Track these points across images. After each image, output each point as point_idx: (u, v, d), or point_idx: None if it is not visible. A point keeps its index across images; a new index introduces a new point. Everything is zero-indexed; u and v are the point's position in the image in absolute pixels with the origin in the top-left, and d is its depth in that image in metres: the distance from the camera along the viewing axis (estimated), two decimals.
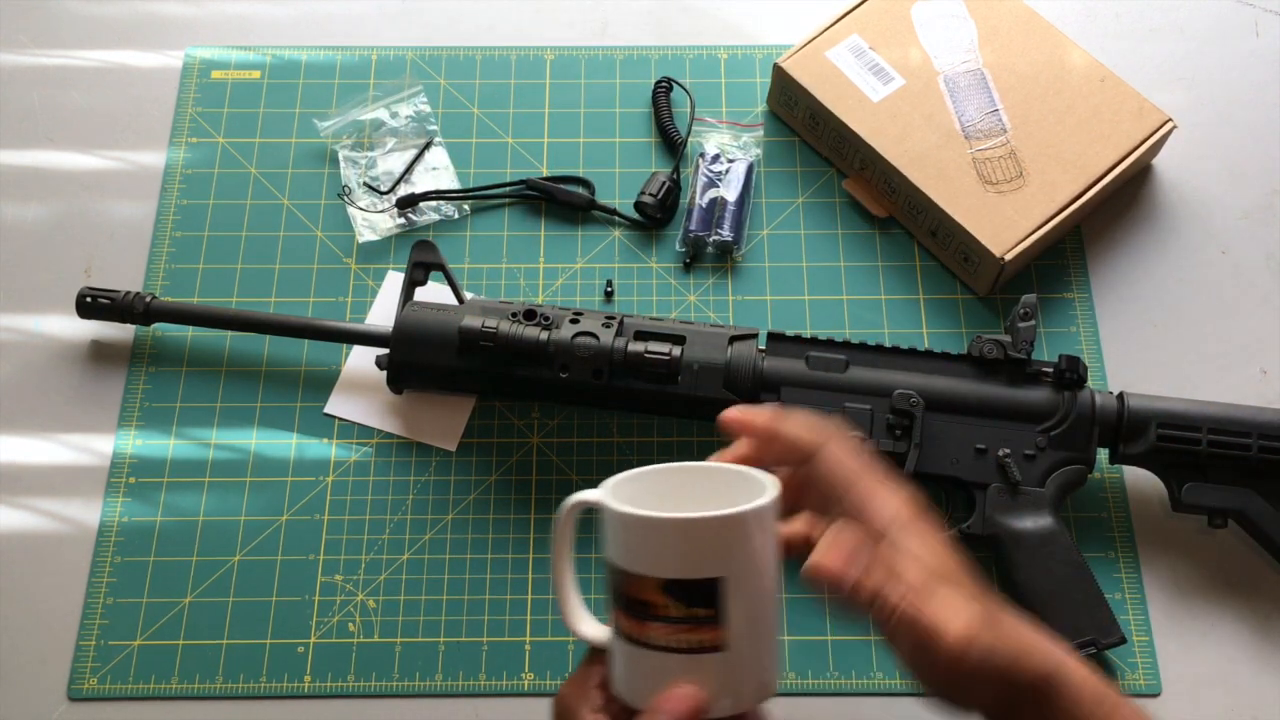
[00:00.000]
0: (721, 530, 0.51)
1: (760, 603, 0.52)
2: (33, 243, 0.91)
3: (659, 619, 0.51)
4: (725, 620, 0.51)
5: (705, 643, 0.51)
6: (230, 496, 0.82)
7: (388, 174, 0.93)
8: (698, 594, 0.51)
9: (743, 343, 0.79)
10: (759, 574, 0.52)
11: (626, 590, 0.52)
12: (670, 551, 0.51)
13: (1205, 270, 0.91)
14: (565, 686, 0.58)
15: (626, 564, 0.52)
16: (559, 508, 0.56)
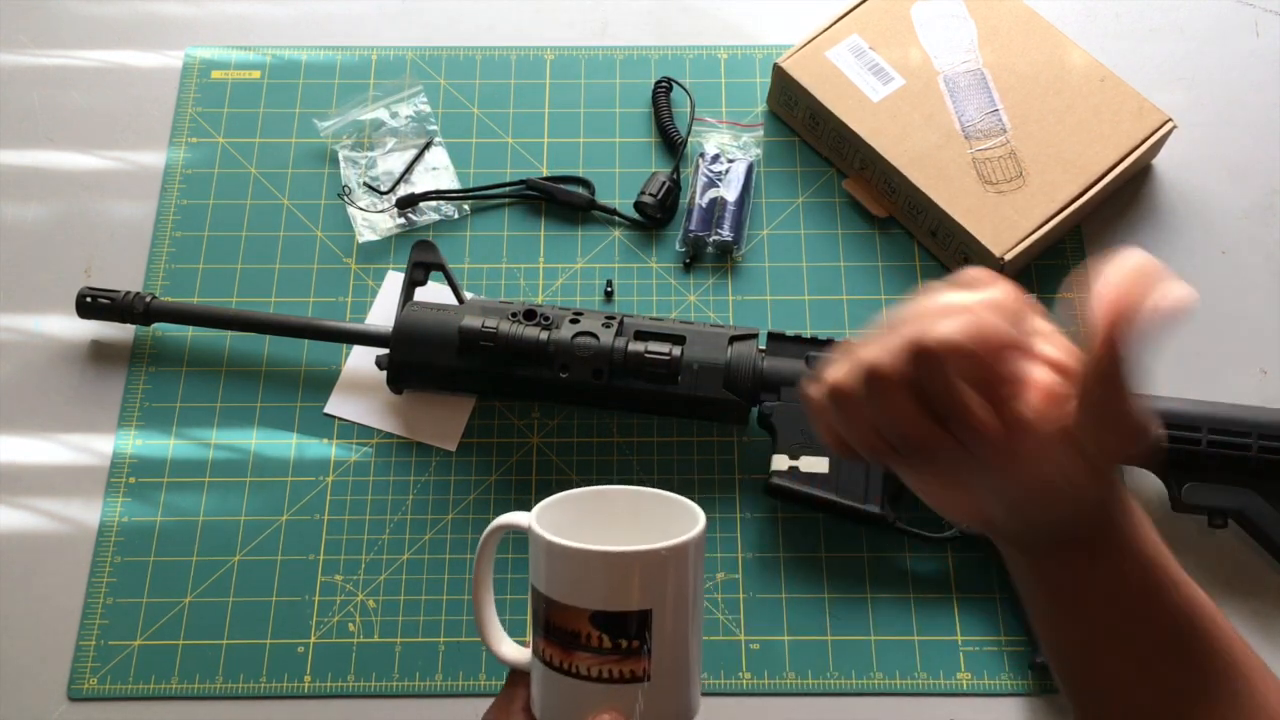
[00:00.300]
0: (653, 564, 0.51)
1: (685, 632, 0.53)
2: (33, 243, 0.91)
3: (586, 649, 0.51)
4: (651, 651, 0.51)
5: (631, 673, 0.52)
6: (230, 496, 0.82)
7: (388, 174, 0.93)
8: (626, 626, 0.51)
9: (743, 343, 0.79)
10: (686, 604, 0.52)
11: (553, 619, 0.52)
12: (601, 584, 0.51)
13: (1205, 270, 0.91)
14: (490, 711, 0.57)
15: (555, 594, 0.52)
16: (488, 526, 0.57)
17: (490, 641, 0.57)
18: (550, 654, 0.53)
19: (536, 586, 0.53)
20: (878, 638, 0.78)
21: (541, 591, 0.53)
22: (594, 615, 0.51)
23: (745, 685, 0.76)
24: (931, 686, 0.76)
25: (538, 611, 0.53)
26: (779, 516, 0.81)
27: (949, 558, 0.80)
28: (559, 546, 0.51)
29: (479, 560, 0.57)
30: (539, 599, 0.53)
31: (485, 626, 0.58)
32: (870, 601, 0.79)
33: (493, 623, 0.58)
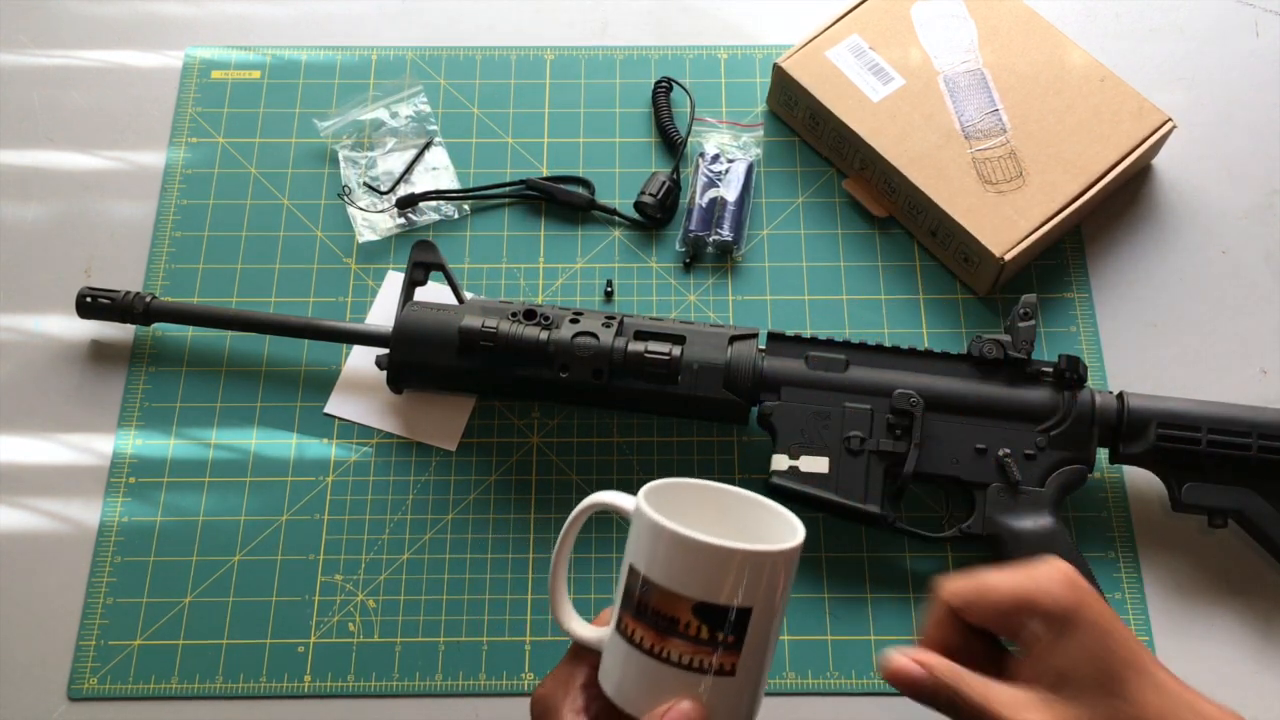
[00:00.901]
0: (767, 565, 0.52)
1: (772, 636, 0.54)
2: (33, 243, 0.91)
3: (683, 636, 0.52)
4: (743, 648, 0.52)
5: (719, 666, 0.52)
6: (230, 496, 0.82)
7: (388, 174, 0.93)
8: (729, 620, 0.52)
9: (743, 343, 0.79)
10: (779, 609, 0.54)
11: (653, 603, 0.52)
12: (714, 577, 0.52)
13: (1205, 270, 0.91)
14: (546, 684, 0.57)
15: (661, 579, 0.52)
16: (580, 503, 0.57)
17: (562, 616, 0.58)
18: (641, 635, 0.53)
19: (639, 568, 0.53)
20: (878, 638, 0.78)
21: (644, 574, 0.53)
22: (698, 605, 0.51)
23: None
24: None
25: (633, 592, 0.53)
26: None
27: (949, 558, 0.80)
28: (683, 536, 0.51)
29: (565, 536, 0.57)
30: (639, 581, 0.53)
31: (559, 602, 0.58)
32: (870, 601, 0.79)
33: (566, 598, 0.58)
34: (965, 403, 0.77)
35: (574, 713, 0.55)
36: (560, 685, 0.57)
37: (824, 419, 0.77)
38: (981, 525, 0.76)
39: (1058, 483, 0.77)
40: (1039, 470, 0.77)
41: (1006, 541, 0.75)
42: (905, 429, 0.77)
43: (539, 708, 0.57)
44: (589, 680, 0.56)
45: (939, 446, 0.77)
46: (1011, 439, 0.77)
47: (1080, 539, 0.81)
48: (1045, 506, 0.76)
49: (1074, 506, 0.82)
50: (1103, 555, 0.80)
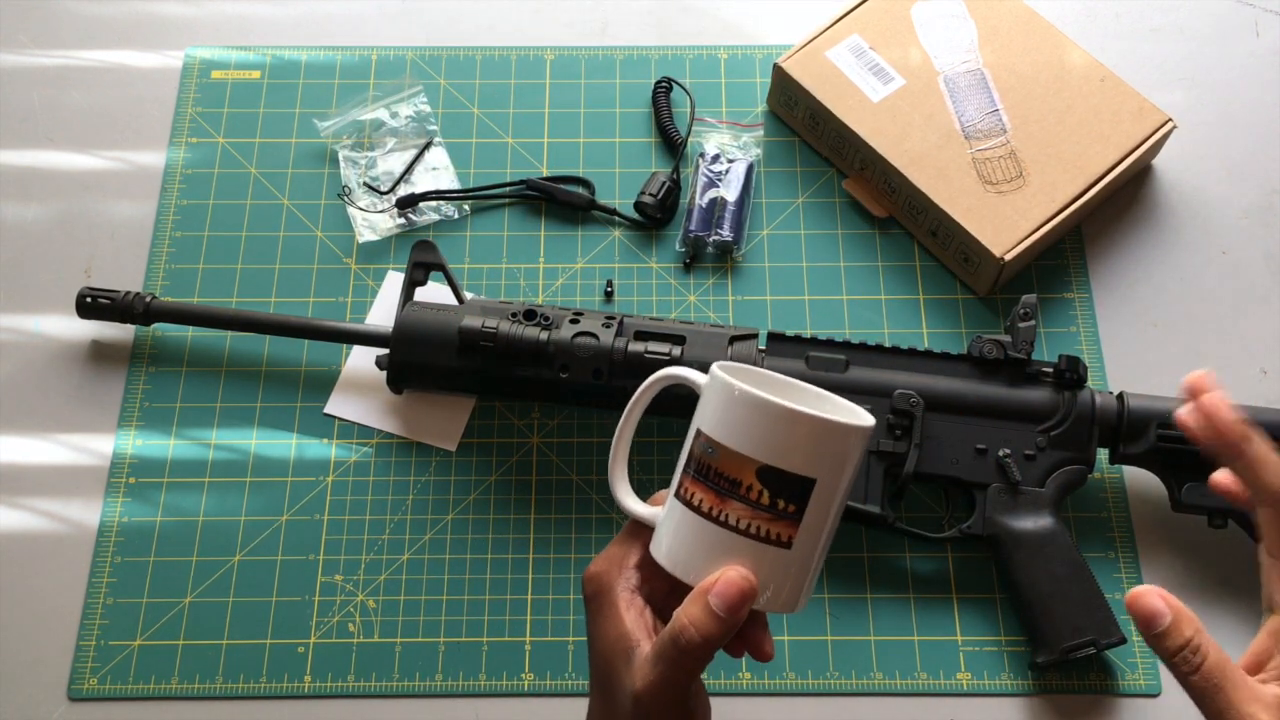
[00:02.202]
0: (838, 437, 0.52)
1: (832, 517, 0.54)
2: (33, 243, 0.91)
3: (743, 500, 0.52)
4: (801, 521, 0.52)
5: (777, 535, 0.52)
6: (230, 496, 0.82)
7: (388, 174, 0.93)
8: (790, 488, 0.52)
9: (743, 343, 0.79)
10: (841, 491, 0.54)
11: (717, 465, 0.52)
12: (785, 441, 0.52)
13: (1205, 270, 0.91)
14: (599, 562, 0.57)
15: (730, 440, 0.52)
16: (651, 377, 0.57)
17: (620, 492, 0.58)
18: (701, 498, 0.53)
19: (708, 433, 0.53)
20: (878, 638, 0.78)
21: (713, 437, 0.53)
22: (762, 469, 0.51)
23: (745, 685, 0.76)
24: (931, 686, 0.76)
25: (697, 455, 0.53)
26: None
27: (949, 558, 0.80)
28: (755, 395, 0.52)
29: (631, 409, 0.58)
30: (706, 443, 0.53)
31: (617, 478, 0.58)
32: (870, 601, 0.79)
33: (625, 475, 0.58)
34: (965, 403, 0.77)
35: (627, 590, 0.55)
36: (614, 563, 0.56)
37: None
38: (981, 525, 0.76)
39: (1058, 483, 0.77)
40: (1039, 470, 0.77)
41: (1006, 542, 0.76)
42: (905, 429, 0.77)
43: (592, 585, 0.56)
44: (642, 560, 0.56)
45: (939, 446, 0.77)
46: (1011, 439, 0.77)
47: (1080, 539, 0.81)
48: (1045, 506, 0.76)
49: (1074, 506, 0.82)
50: (1103, 555, 0.80)
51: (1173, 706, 0.76)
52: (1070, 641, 0.73)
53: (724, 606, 0.51)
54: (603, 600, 0.55)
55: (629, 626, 0.54)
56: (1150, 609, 0.50)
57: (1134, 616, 0.50)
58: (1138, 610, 0.50)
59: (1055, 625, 0.74)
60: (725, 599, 0.51)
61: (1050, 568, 0.74)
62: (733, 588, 0.51)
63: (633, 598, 0.55)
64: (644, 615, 0.55)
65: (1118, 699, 0.76)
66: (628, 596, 0.55)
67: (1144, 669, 0.77)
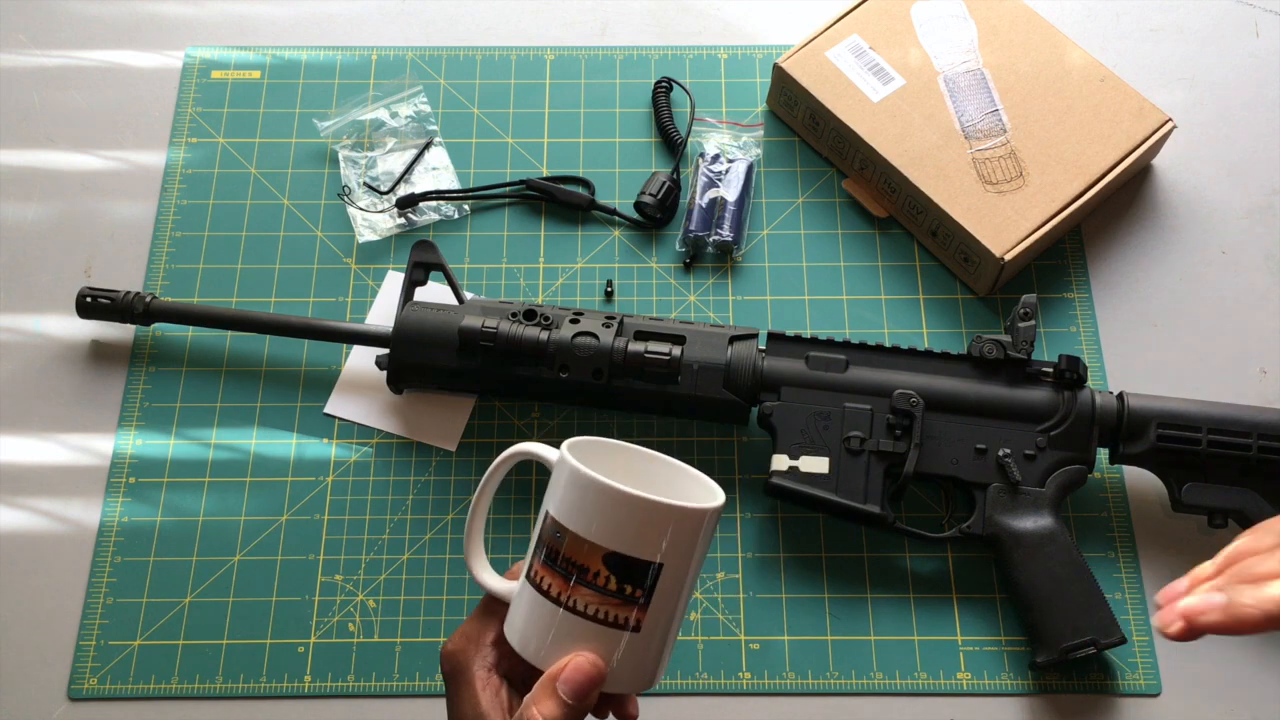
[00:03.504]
0: (684, 521, 0.52)
1: (681, 598, 0.54)
2: (33, 243, 0.91)
3: (590, 586, 0.52)
4: (649, 604, 0.52)
5: (625, 620, 0.52)
6: (230, 496, 0.82)
7: (388, 174, 0.93)
8: (637, 573, 0.52)
9: (743, 343, 0.79)
10: (690, 571, 0.54)
11: (564, 550, 0.53)
12: (629, 528, 0.52)
13: (1205, 270, 0.91)
14: (455, 641, 0.57)
15: (576, 526, 0.52)
16: (503, 452, 0.57)
17: (475, 566, 0.58)
18: (550, 583, 0.53)
19: (555, 516, 0.53)
20: (878, 638, 0.78)
21: (560, 521, 0.53)
22: (609, 556, 0.52)
23: (745, 685, 0.76)
24: (931, 686, 0.76)
25: (545, 539, 0.54)
26: (779, 516, 0.81)
27: (949, 558, 0.80)
28: (600, 484, 0.52)
29: (485, 485, 0.58)
30: (554, 528, 0.53)
31: (473, 551, 0.58)
32: (870, 601, 0.79)
33: (481, 549, 0.58)
34: (965, 403, 0.77)
35: (484, 669, 0.55)
36: (470, 641, 0.57)
37: (824, 419, 0.77)
38: (981, 525, 0.76)
39: (1058, 483, 0.77)
40: (1039, 470, 0.77)
41: (1006, 542, 0.76)
42: (905, 429, 0.77)
43: (449, 663, 0.56)
44: (499, 636, 0.56)
45: (939, 446, 0.77)
46: (1011, 439, 0.77)
47: (1080, 539, 0.81)
48: (1045, 506, 0.76)
49: (1074, 506, 0.82)
50: (1103, 555, 0.80)
51: (1173, 706, 0.76)
52: (1070, 641, 0.73)
53: (572, 693, 0.51)
54: (459, 677, 0.56)
55: (485, 707, 0.54)
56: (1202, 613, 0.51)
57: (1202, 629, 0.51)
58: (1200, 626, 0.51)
59: (1055, 625, 0.74)
60: (573, 685, 0.51)
61: (1050, 568, 0.74)
62: (580, 674, 0.52)
63: (489, 677, 0.55)
64: (500, 694, 0.55)
65: (1118, 699, 0.76)
66: (484, 675, 0.55)
67: (1144, 669, 0.77)
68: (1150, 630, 0.78)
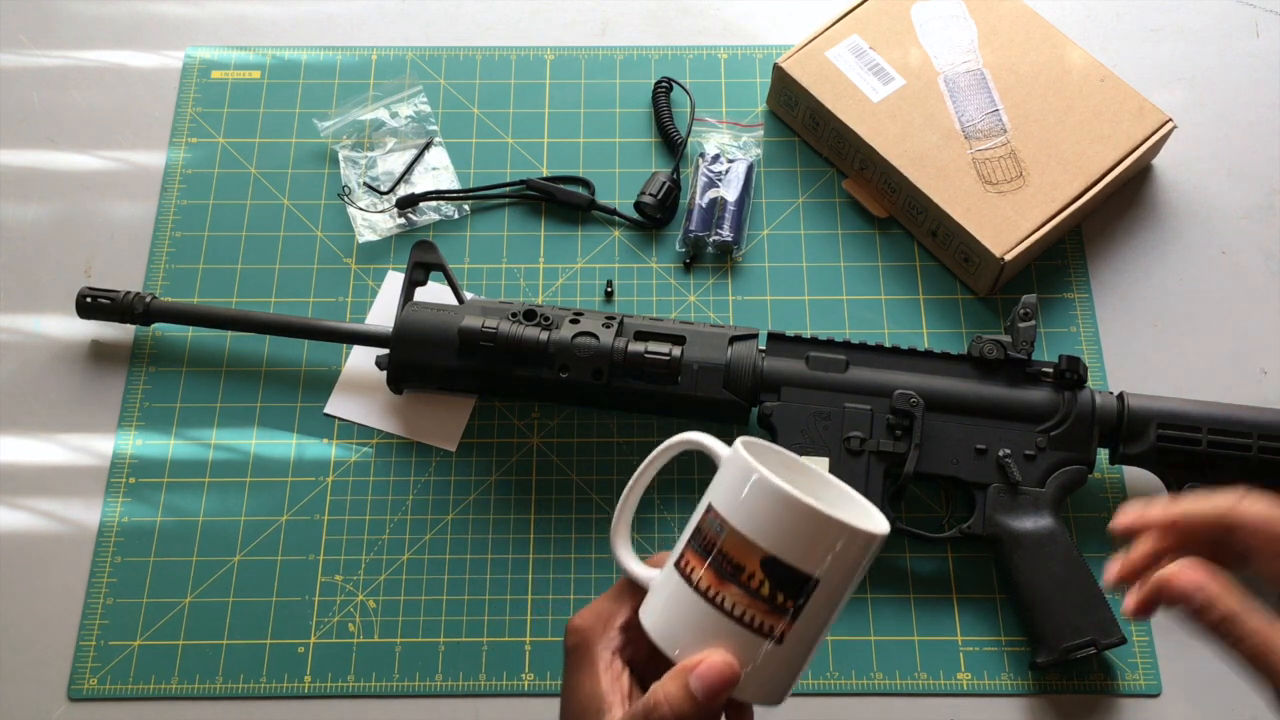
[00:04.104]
0: (851, 541, 0.51)
1: (827, 618, 0.53)
2: (33, 243, 0.91)
3: (742, 587, 0.51)
4: (797, 618, 0.51)
5: (770, 628, 0.51)
6: (230, 497, 0.82)
7: (388, 174, 0.93)
8: (793, 583, 0.51)
9: (743, 343, 0.79)
10: (842, 593, 0.53)
11: (722, 545, 0.52)
12: (797, 536, 0.51)
13: (1205, 270, 0.91)
14: (584, 616, 0.56)
15: (740, 523, 0.51)
16: (672, 437, 0.56)
17: (619, 548, 0.57)
18: (700, 575, 0.52)
19: (719, 510, 0.52)
20: (878, 638, 0.78)
21: (723, 515, 0.52)
22: (768, 560, 0.51)
23: None
24: (931, 686, 0.76)
25: (704, 530, 0.53)
26: None
27: (949, 558, 0.80)
28: (776, 487, 0.51)
29: (645, 468, 0.57)
30: (715, 520, 0.52)
31: (619, 534, 0.57)
32: (870, 601, 0.79)
33: (628, 531, 0.57)
34: (965, 403, 0.77)
35: (609, 650, 0.54)
36: (600, 620, 0.55)
37: (824, 419, 0.77)
38: (982, 525, 0.76)
39: (1058, 483, 0.77)
40: (1039, 470, 0.77)
41: (1006, 542, 0.76)
42: (905, 429, 0.77)
43: (574, 638, 0.55)
44: (628, 621, 0.55)
45: (939, 447, 0.77)
46: (1011, 439, 0.77)
47: (1080, 539, 0.81)
48: (1045, 507, 0.76)
49: (1074, 506, 0.82)
50: (1103, 555, 0.80)
51: (1173, 706, 0.76)
52: (1070, 641, 0.73)
53: (703, 690, 0.50)
54: (583, 655, 0.55)
55: (604, 688, 0.53)
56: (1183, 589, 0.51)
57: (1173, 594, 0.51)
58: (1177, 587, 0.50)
59: (1055, 625, 0.74)
60: (706, 682, 0.50)
61: (1050, 568, 0.74)
62: (714, 672, 0.50)
63: (613, 659, 0.54)
64: (621, 679, 0.54)
65: (1118, 699, 0.76)
66: (608, 657, 0.54)
67: (1144, 669, 0.77)
68: (1150, 630, 0.78)
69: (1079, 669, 0.77)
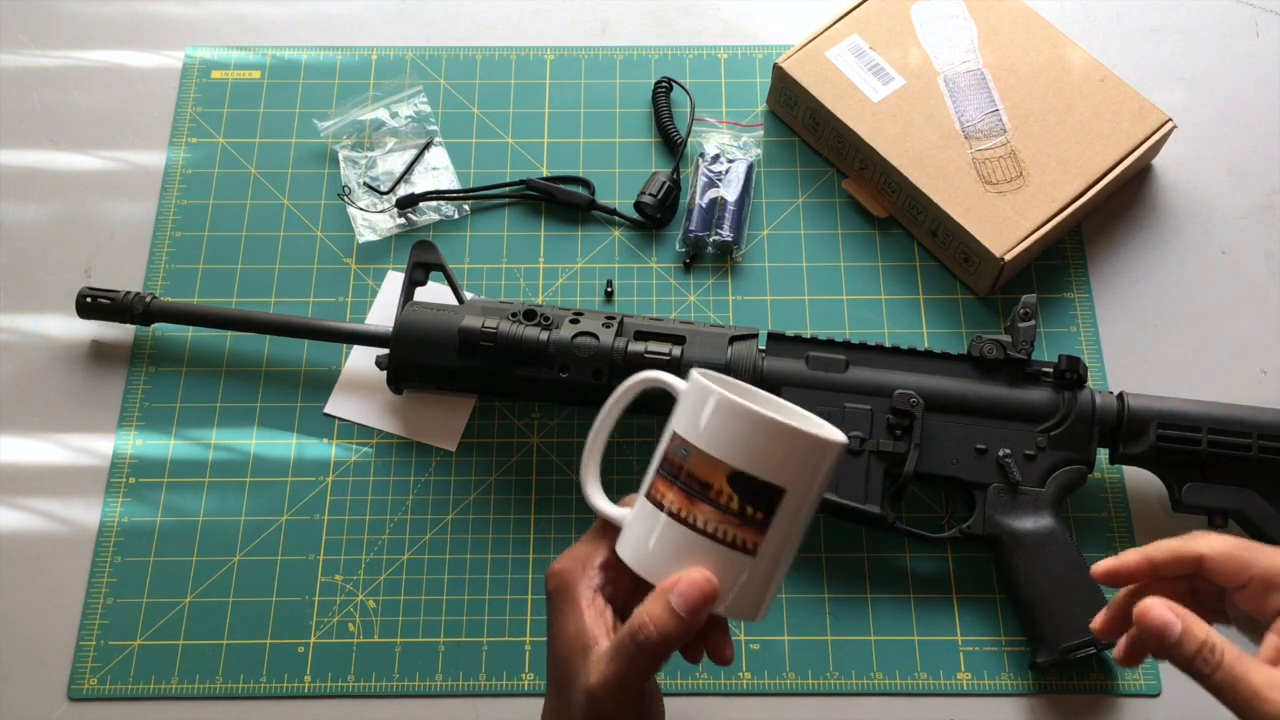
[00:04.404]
0: (812, 450, 0.53)
1: (798, 529, 0.54)
2: (33, 243, 0.91)
3: (712, 503, 0.53)
4: (768, 529, 0.53)
5: (743, 541, 0.53)
6: (230, 496, 0.82)
7: (388, 174, 0.93)
8: (760, 495, 0.52)
9: (743, 343, 0.79)
10: (810, 503, 0.54)
11: (689, 467, 0.53)
12: (759, 449, 0.52)
13: (1205, 270, 0.91)
14: (564, 559, 0.57)
15: (704, 444, 0.53)
16: (631, 377, 0.58)
17: (590, 490, 0.59)
18: (671, 499, 0.54)
19: (681, 433, 0.54)
20: (878, 638, 0.78)
21: (686, 438, 0.54)
22: (734, 474, 0.52)
23: (745, 685, 0.76)
24: (931, 686, 0.76)
25: (670, 456, 0.54)
26: None
27: (949, 558, 0.80)
28: (734, 402, 0.52)
29: (610, 409, 0.59)
30: (680, 445, 0.54)
31: (589, 476, 0.59)
32: (870, 601, 0.79)
33: (597, 473, 0.59)
34: (965, 403, 0.77)
35: (590, 589, 0.56)
36: (578, 561, 0.57)
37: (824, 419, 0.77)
38: (981, 525, 0.76)
39: (1058, 483, 0.77)
40: (1039, 470, 0.77)
41: (1006, 542, 0.76)
42: (905, 429, 0.77)
43: (555, 581, 0.57)
44: (607, 560, 0.57)
45: (939, 447, 0.77)
46: (1011, 439, 0.77)
47: (1080, 539, 0.81)
48: (1045, 506, 0.76)
49: (1074, 506, 0.82)
50: (1103, 555, 0.80)
51: (1173, 706, 0.76)
52: (1070, 641, 0.73)
53: (685, 606, 0.51)
54: (565, 596, 0.56)
55: (588, 624, 0.54)
56: (1160, 621, 0.51)
57: (1145, 631, 0.51)
58: (1148, 624, 0.51)
59: (1055, 625, 0.74)
60: (686, 599, 0.52)
61: (1050, 568, 0.74)
62: (694, 588, 0.52)
63: (594, 597, 0.56)
64: (604, 615, 0.55)
65: (1118, 699, 0.76)
66: (589, 595, 0.55)
67: (1144, 669, 0.77)
68: None
69: (1079, 669, 0.77)
